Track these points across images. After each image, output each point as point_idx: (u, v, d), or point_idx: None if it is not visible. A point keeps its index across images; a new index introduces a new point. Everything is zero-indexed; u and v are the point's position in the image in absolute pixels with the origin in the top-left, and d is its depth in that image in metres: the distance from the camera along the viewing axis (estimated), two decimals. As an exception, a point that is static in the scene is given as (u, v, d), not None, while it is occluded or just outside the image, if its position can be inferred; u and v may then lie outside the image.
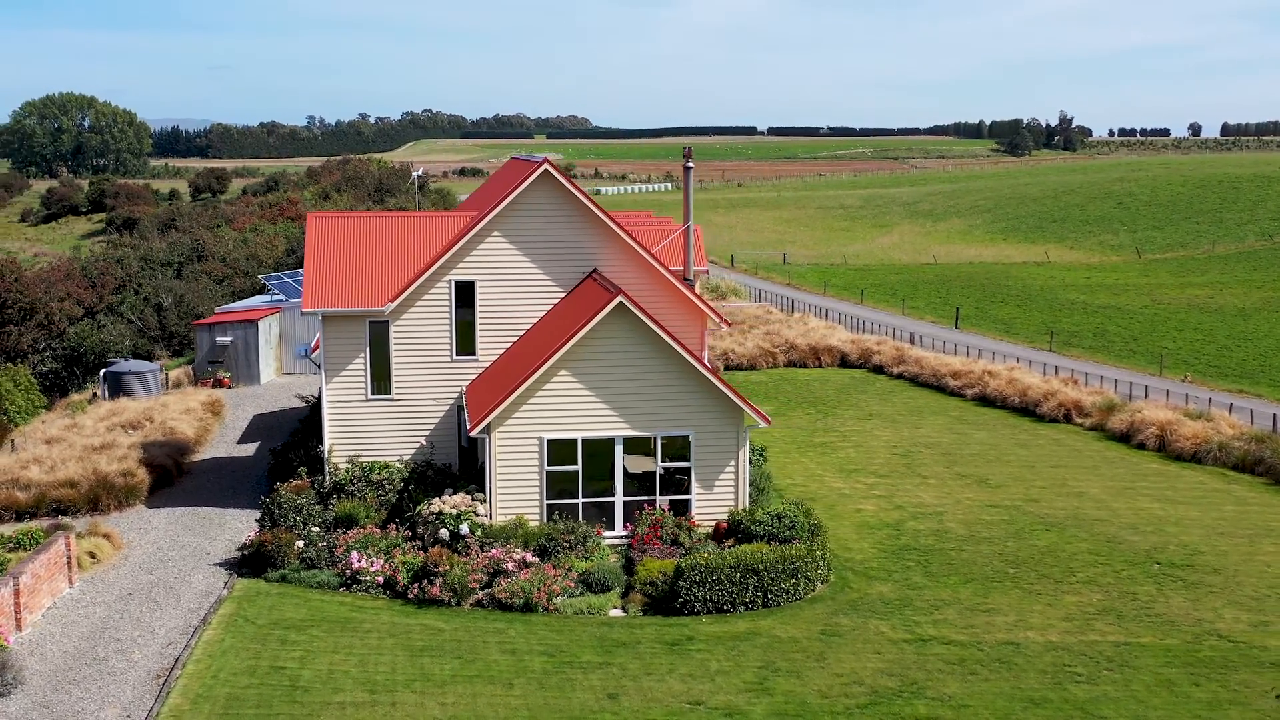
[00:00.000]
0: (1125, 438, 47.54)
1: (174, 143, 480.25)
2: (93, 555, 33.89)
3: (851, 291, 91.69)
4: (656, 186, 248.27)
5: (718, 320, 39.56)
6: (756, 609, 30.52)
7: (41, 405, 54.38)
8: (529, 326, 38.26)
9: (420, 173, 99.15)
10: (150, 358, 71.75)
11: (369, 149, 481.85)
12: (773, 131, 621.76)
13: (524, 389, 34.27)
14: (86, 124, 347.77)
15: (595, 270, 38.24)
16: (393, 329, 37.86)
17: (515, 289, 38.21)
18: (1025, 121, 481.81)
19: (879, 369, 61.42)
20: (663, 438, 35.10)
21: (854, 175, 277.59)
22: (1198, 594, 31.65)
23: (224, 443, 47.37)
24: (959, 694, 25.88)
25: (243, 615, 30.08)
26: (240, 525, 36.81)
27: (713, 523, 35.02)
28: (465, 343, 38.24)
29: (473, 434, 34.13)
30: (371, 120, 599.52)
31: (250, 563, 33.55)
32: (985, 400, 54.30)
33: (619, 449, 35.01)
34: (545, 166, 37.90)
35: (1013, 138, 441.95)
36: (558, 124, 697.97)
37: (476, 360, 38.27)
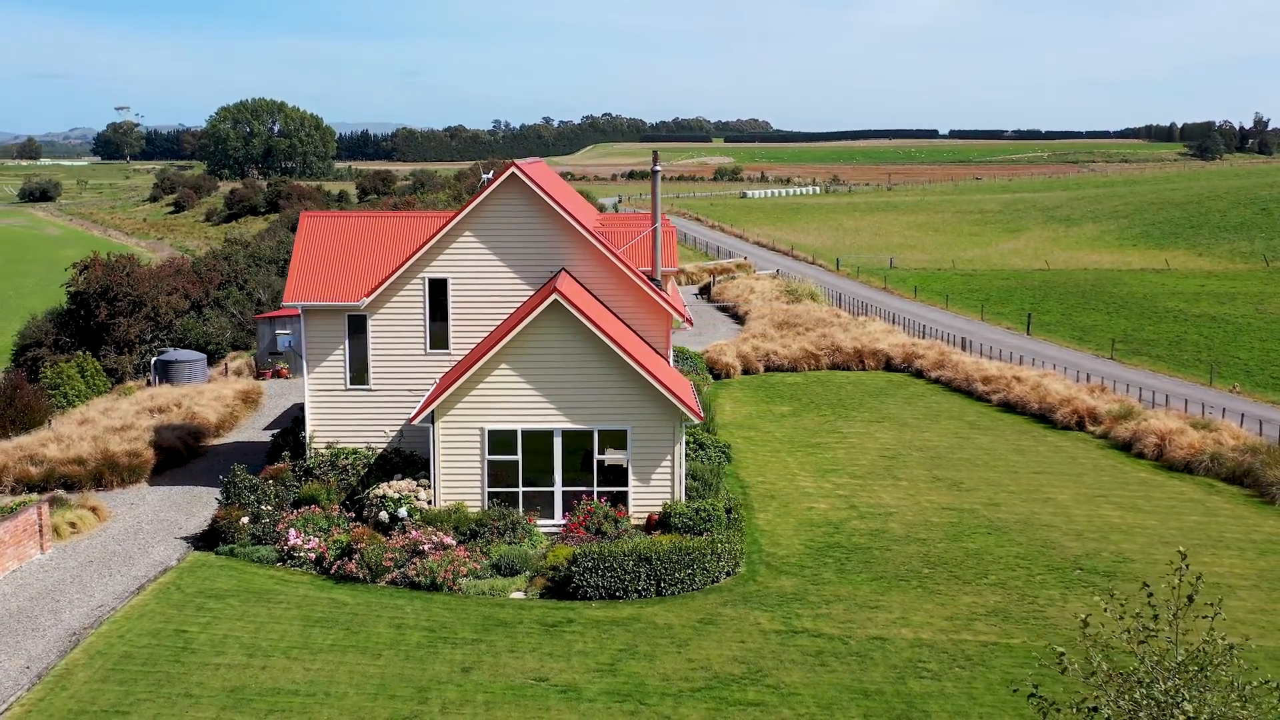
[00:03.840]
0: (1127, 446, 46.84)
1: (362, 146, 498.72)
2: (73, 525, 36.89)
3: (941, 297, 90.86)
4: (810, 189, 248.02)
5: (682, 319, 40.69)
6: (650, 597, 31.63)
7: (104, 390, 58.47)
8: (500, 323, 39.97)
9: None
10: (244, 349, 75.94)
11: (548, 152, 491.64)
12: (954, 135, 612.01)
13: (465, 380, 36.04)
14: (276, 129, 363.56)
15: (563, 270, 39.74)
16: (370, 323, 40.00)
17: (486, 286, 39.90)
18: (1217, 124, 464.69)
19: (919, 373, 61.28)
20: (600, 431, 36.45)
21: (1008, 179, 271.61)
22: (1102, 600, 31.46)
23: (251, 428, 50.40)
24: (796, 683, 26.60)
25: (177, 584, 32.58)
26: (222, 504, 39.42)
27: (646, 514, 36.20)
28: (438, 337, 40.15)
29: (415, 422, 36.06)
30: (554, 124, 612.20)
31: (208, 538, 36.15)
32: (1008, 406, 53.90)
33: (558, 441, 36.48)
34: (513, 170, 39.56)
35: (1203, 141, 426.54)
36: (737, 127, 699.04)
37: (449, 354, 40.12)
